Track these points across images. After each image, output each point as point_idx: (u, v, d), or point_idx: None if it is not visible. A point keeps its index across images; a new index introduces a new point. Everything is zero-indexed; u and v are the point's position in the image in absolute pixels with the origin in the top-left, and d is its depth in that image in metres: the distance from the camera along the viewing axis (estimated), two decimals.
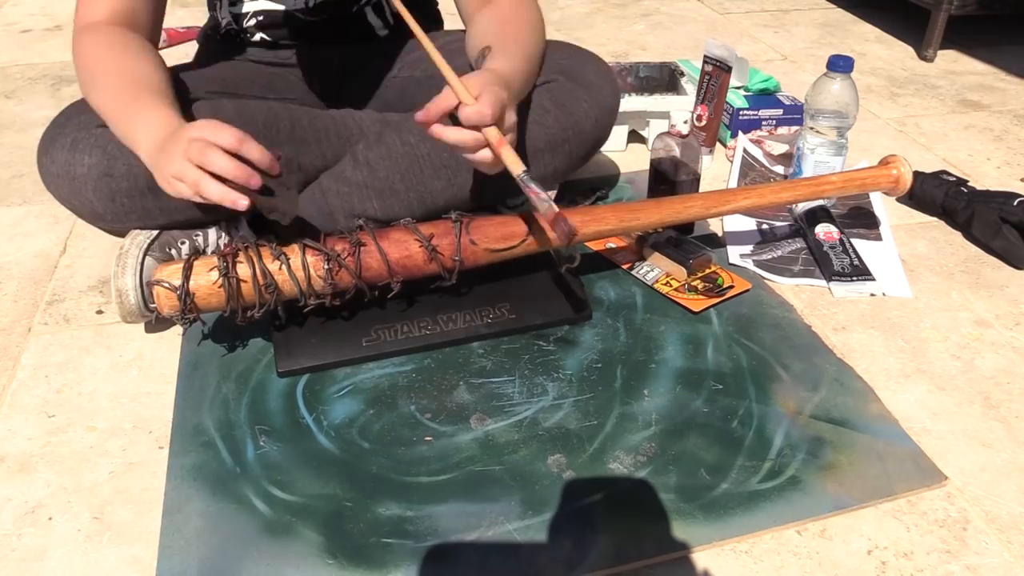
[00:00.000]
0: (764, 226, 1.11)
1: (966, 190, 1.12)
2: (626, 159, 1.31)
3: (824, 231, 1.06)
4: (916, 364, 0.88)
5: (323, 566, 0.65)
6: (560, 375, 0.85)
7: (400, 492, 0.72)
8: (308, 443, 0.76)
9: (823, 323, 0.94)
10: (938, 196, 1.14)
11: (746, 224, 1.11)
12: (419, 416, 0.79)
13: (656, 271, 1.00)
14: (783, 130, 1.35)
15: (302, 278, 0.81)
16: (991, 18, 1.77)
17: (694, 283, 0.98)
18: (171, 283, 0.79)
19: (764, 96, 1.38)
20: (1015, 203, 1.05)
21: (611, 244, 1.05)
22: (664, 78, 1.39)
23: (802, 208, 1.10)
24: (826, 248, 1.04)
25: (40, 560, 0.66)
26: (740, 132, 1.33)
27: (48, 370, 0.87)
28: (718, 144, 1.34)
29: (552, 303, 0.92)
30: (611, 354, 0.88)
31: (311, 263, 0.81)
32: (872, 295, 0.99)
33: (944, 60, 1.77)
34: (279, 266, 0.81)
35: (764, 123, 1.35)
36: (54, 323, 0.94)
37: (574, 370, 0.85)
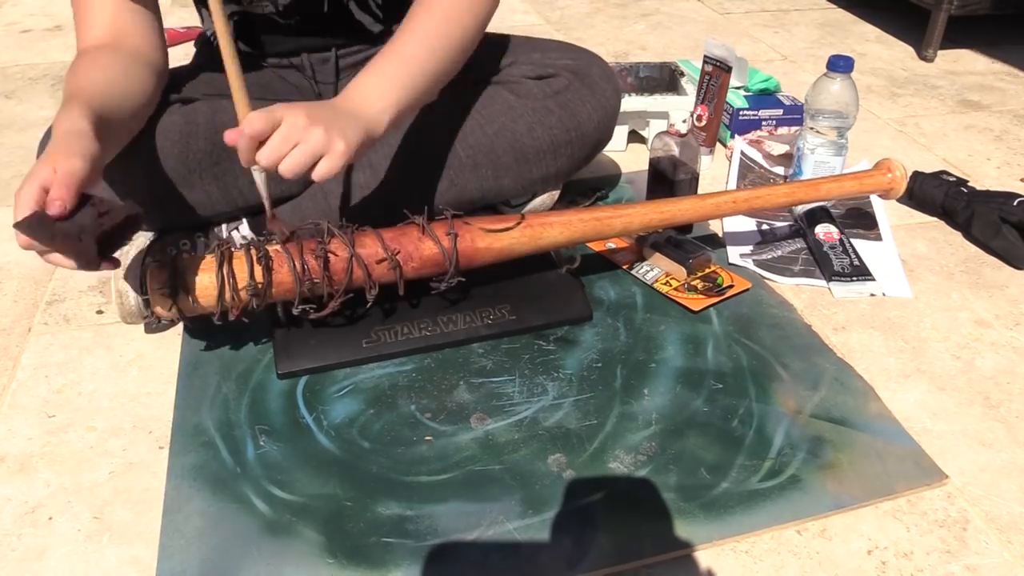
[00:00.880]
0: (764, 226, 1.11)
1: (966, 190, 1.12)
2: (626, 159, 1.31)
3: (824, 231, 1.06)
4: (916, 364, 0.88)
5: (323, 566, 0.65)
6: (560, 375, 0.85)
7: (400, 492, 0.72)
8: (308, 443, 0.76)
9: (823, 323, 0.94)
10: (938, 196, 1.14)
11: (746, 224, 1.11)
12: (419, 416, 0.79)
13: (656, 271, 1.00)
14: (783, 130, 1.35)
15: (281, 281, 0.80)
16: (991, 18, 1.77)
17: (694, 283, 0.98)
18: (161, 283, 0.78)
19: (764, 96, 1.38)
20: (1015, 203, 1.05)
21: (611, 244, 1.05)
22: (664, 78, 1.39)
23: (802, 208, 1.10)
24: (826, 248, 1.04)
25: (40, 560, 0.66)
26: (737, 135, 1.33)
27: (48, 370, 0.87)
28: (718, 144, 1.34)
29: (552, 304, 0.92)
30: (611, 354, 0.88)
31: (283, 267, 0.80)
32: (872, 295, 0.99)
33: (944, 60, 1.77)
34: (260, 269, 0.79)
35: (764, 123, 1.35)
36: (54, 323, 0.94)
37: (574, 370, 0.85)
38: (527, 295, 0.92)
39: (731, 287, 0.97)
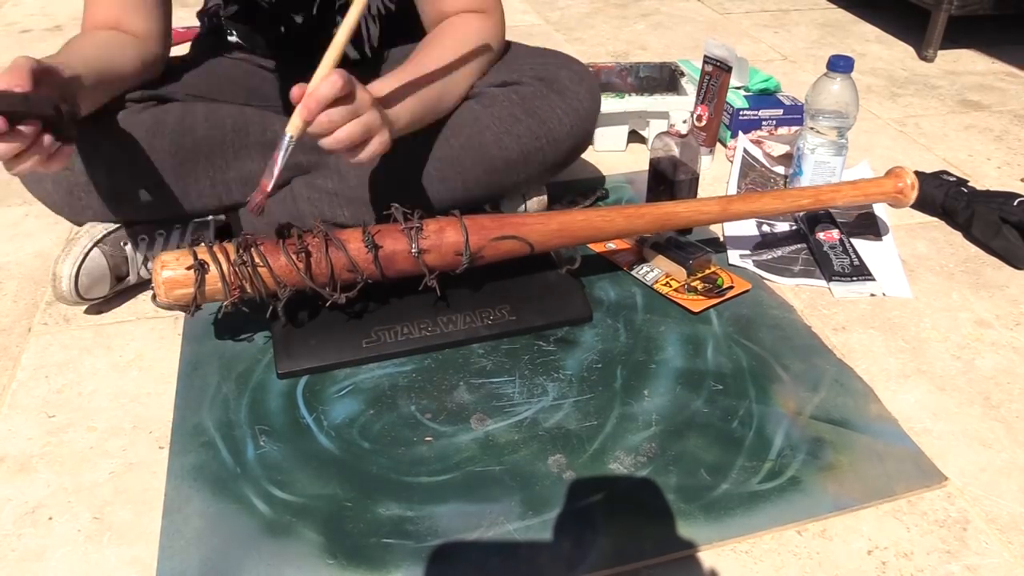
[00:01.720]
0: (764, 227, 1.11)
1: (966, 190, 1.12)
2: (626, 159, 1.31)
3: (824, 231, 1.06)
4: (916, 364, 0.88)
5: (323, 566, 0.65)
6: (560, 375, 0.85)
7: (400, 492, 0.72)
8: (308, 443, 0.76)
9: (823, 323, 0.94)
10: (938, 196, 1.14)
11: (746, 225, 1.11)
12: (419, 416, 0.79)
13: (656, 272, 1.00)
14: (783, 130, 1.35)
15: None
16: (991, 18, 1.77)
17: (694, 284, 0.98)
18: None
19: (764, 96, 1.38)
20: (1015, 203, 1.05)
21: (611, 245, 1.05)
22: (664, 78, 1.39)
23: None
24: (826, 248, 1.04)
25: (40, 560, 0.66)
26: (740, 132, 1.33)
27: (48, 370, 0.87)
28: (718, 144, 1.34)
29: (552, 304, 0.92)
30: (611, 354, 0.88)
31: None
32: (872, 295, 0.99)
33: (944, 60, 1.77)
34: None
35: (764, 123, 1.35)
36: (54, 323, 0.94)
37: (574, 370, 0.85)
38: (527, 295, 0.92)
39: (731, 288, 0.97)
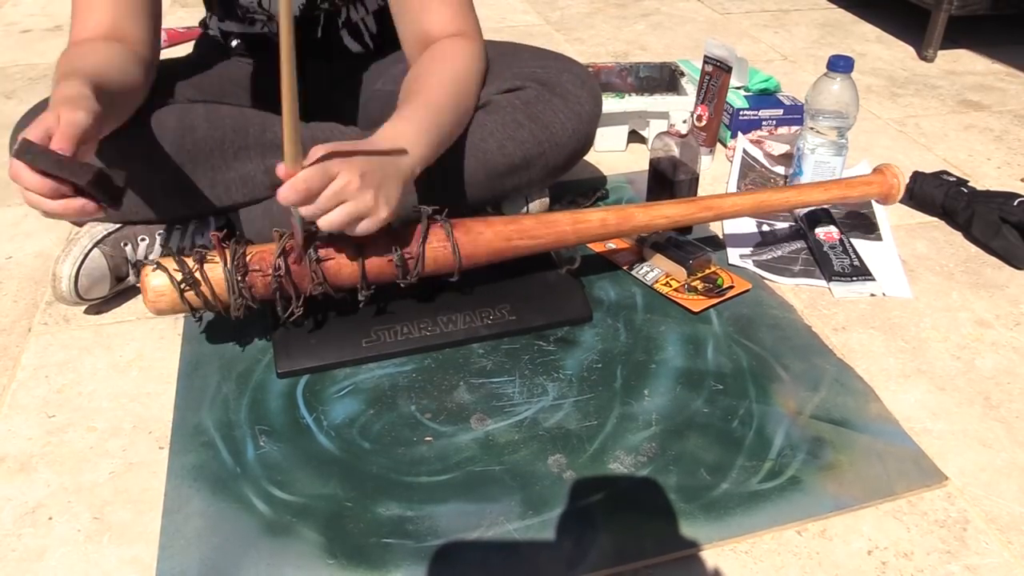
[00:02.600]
0: (764, 226, 1.11)
1: (966, 190, 1.12)
2: (626, 159, 1.31)
3: (824, 231, 1.06)
4: (916, 364, 0.88)
5: (323, 566, 0.65)
6: (560, 375, 0.85)
7: (400, 492, 0.72)
8: (308, 443, 0.76)
9: (823, 323, 0.94)
10: (938, 196, 1.14)
11: (746, 225, 1.11)
12: (419, 416, 0.79)
13: (656, 271, 1.00)
14: (783, 130, 1.35)
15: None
16: (991, 18, 1.77)
17: (694, 283, 0.98)
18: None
19: (764, 96, 1.38)
20: (1015, 203, 1.05)
21: (611, 245, 1.05)
22: (664, 78, 1.39)
23: (803, 209, 1.10)
24: (826, 248, 1.04)
25: (40, 560, 0.66)
26: (740, 133, 1.33)
27: (48, 370, 0.87)
28: (718, 144, 1.34)
29: (552, 304, 0.92)
30: (611, 354, 0.88)
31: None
32: (872, 295, 0.99)
33: (944, 60, 1.77)
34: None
35: (764, 123, 1.35)
36: (54, 323, 0.94)
37: (574, 370, 0.85)
38: (527, 295, 0.92)
39: (731, 288, 0.97)
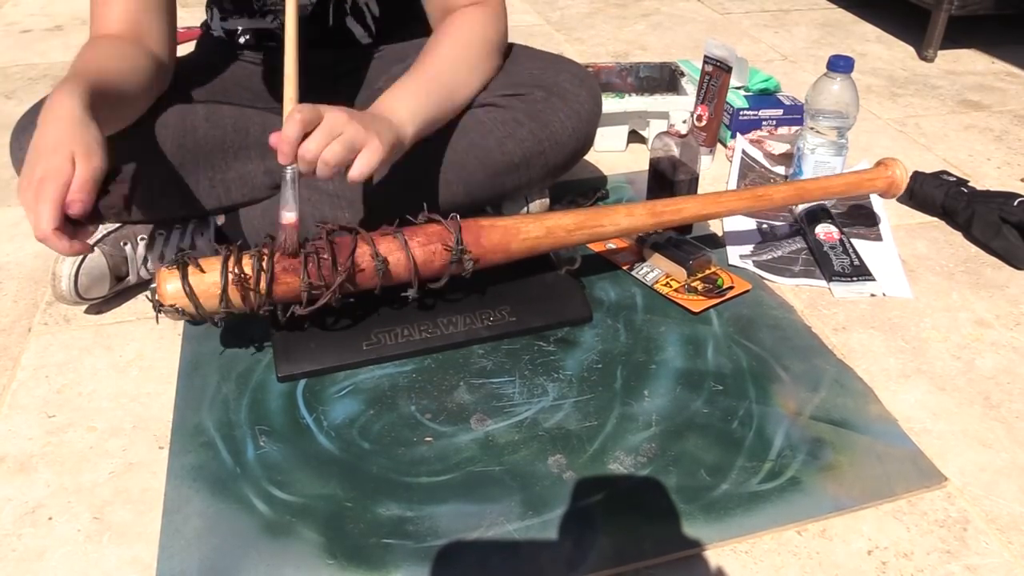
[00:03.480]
0: (764, 226, 1.11)
1: (966, 190, 1.12)
2: (626, 159, 1.31)
3: (824, 231, 1.06)
4: (916, 364, 0.88)
5: (323, 566, 0.65)
6: (560, 376, 0.85)
7: (400, 492, 0.72)
8: (308, 443, 0.76)
9: (823, 323, 0.94)
10: (938, 196, 1.14)
11: (746, 224, 1.11)
12: (419, 416, 0.79)
13: (656, 272, 1.00)
14: (783, 130, 1.35)
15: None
16: (991, 18, 1.77)
17: (694, 284, 0.98)
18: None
19: (764, 96, 1.38)
20: (1015, 203, 1.05)
21: (611, 245, 1.05)
22: (664, 78, 1.39)
23: (802, 208, 1.10)
24: (826, 248, 1.04)
25: (40, 560, 0.66)
26: (739, 134, 1.33)
27: (48, 370, 0.87)
28: (718, 144, 1.34)
29: (552, 305, 0.92)
30: (611, 355, 0.88)
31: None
32: (872, 295, 0.99)
33: (944, 60, 1.77)
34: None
35: (764, 123, 1.35)
36: (54, 323, 0.94)
37: (574, 371, 0.85)
38: (527, 296, 0.92)
39: (731, 288, 0.97)
